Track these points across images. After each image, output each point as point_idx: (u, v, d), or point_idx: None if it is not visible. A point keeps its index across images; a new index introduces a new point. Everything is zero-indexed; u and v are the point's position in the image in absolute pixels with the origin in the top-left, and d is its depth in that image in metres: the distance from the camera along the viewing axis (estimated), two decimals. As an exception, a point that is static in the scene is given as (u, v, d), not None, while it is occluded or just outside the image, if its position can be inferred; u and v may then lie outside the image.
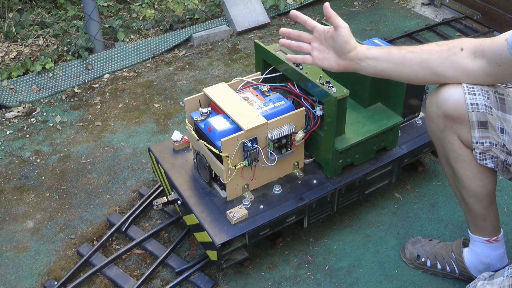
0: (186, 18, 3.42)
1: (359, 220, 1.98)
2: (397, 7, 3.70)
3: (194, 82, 2.92)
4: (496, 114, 1.33)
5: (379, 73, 1.43)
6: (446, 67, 1.34)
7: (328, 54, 1.46)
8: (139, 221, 2.03)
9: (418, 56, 1.36)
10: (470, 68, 1.32)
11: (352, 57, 1.42)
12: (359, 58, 1.42)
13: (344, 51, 1.42)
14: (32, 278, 1.82)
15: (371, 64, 1.41)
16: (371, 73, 1.44)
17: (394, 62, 1.39)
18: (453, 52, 1.33)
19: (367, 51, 1.41)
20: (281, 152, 1.70)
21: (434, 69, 1.35)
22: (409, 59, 1.37)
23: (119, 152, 2.40)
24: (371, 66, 1.41)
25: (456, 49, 1.33)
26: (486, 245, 1.59)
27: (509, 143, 1.34)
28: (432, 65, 1.35)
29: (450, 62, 1.33)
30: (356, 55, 1.42)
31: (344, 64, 1.45)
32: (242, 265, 1.80)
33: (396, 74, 1.41)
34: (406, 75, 1.40)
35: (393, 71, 1.40)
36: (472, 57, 1.31)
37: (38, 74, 2.88)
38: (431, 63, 1.35)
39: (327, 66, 1.47)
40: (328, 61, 1.46)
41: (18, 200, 2.16)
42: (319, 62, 1.48)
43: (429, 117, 1.47)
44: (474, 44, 1.31)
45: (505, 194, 2.06)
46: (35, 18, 3.32)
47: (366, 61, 1.41)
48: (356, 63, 1.43)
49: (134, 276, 1.81)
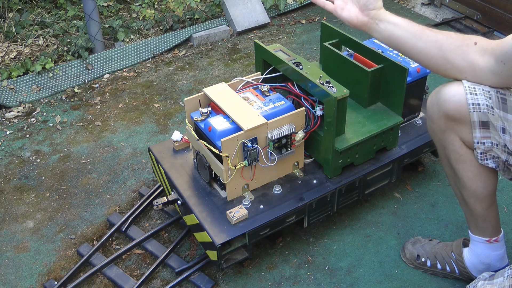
0: (186, 18, 3.42)
1: (359, 220, 1.98)
2: (397, 7, 3.70)
3: (194, 82, 2.92)
4: (498, 114, 1.33)
5: (393, 40, 1.43)
6: (456, 55, 1.34)
7: (351, 6, 1.47)
8: (139, 221, 2.03)
9: (435, 34, 1.37)
10: (477, 63, 1.32)
11: (373, 15, 1.43)
12: (380, 18, 1.43)
13: (369, 7, 1.43)
14: (32, 278, 1.82)
15: (389, 28, 1.41)
16: (385, 37, 1.44)
17: (411, 32, 1.39)
18: (466, 43, 1.34)
19: (389, 15, 1.42)
20: (281, 152, 1.70)
21: (446, 53, 1.35)
22: (426, 35, 1.37)
23: (119, 152, 2.40)
24: (388, 30, 1.42)
25: (471, 41, 1.33)
26: (486, 245, 1.59)
27: (511, 143, 1.34)
28: (445, 48, 1.35)
29: (461, 51, 1.34)
30: (377, 15, 1.43)
31: (363, 20, 1.45)
32: (242, 265, 1.80)
33: (409, 46, 1.40)
34: (419, 49, 1.39)
35: (408, 42, 1.40)
36: (482, 53, 1.32)
37: (38, 74, 2.88)
38: (444, 46, 1.35)
39: (346, 16, 1.47)
40: (348, 12, 1.47)
41: (18, 200, 2.16)
42: (339, 11, 1.48)
43: (430, 117, 1.47)
44: (487, 42, 1.32)
45: (505, 194, 2.06)
46: (35, 18, 3.32)
47: (385, 23, 1.42)
48: (375, 23, 1.44)
49: (134, 276, 1.81)
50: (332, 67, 1.93)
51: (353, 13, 1.46)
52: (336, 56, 1.90)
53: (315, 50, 3.18)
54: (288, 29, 3.46)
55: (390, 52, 1.94)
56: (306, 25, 3.51)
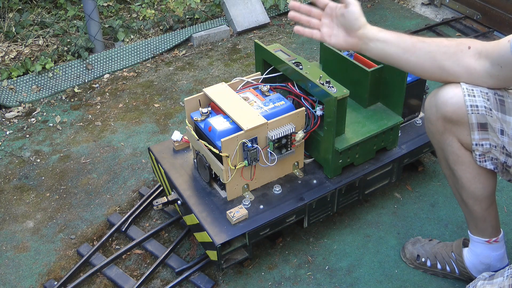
0: (186, 18, 3.42)
1: (359, 220, 1.98)
2: (397, 7, 3.70)
3: (194, 82, 2.92)
4: (496, 116, 1.33)
5: (385, 57, 1.41)
6: (451, 62, 1.33)
7: (338, 31, 1.44)
8: (139, 221, 2.03)
9: (427, 46, 1.35)
10: (473, 67, 1.32)
11: (361, 35, 1.40)
12: (369, 38, 1.39)
13: (354, 28, 1.40)
14: (32, 278, 1.82)
15: (380, 46, 1.39)
16: (377, 55, 1.42)
17: (403, 48, 1.37)
18: (460, 49, 1.33)
19: (378, 33, 1.39)
20: (281, 152, 1.70)
21: (440, 62, 1.34)
22: (418, 48, 1.35)
23: (119, 152, 2.40)
24: (379, 48, 1.39)
25: (464, 46, 1.32)
26: (486, 245, 1.59)
27: (509, 144, 1.34)
28: (439, 58, 1.34)
29: (456, 58, 1.33)
30: (365, 34, 1.40)
31: (352, 42, 1.42)
32: (242, 265, 1.80)
33: (403, 61, 1.39)
34: (412, 64, 1.38)
35: (400, 58, 1.38)
36: (477, 56, 1.31)
37: (38, 74, 2.88)
38: (438, 56, 1.34)
39: (335, 42, 1.45)
40: (336, 38, 1.44)
41: (18, 200, 2.16)
42: (327, 38, 1.46)
43: (428, 119, 1.47)
44: (481, 45, 1.31)
45: (505, 194, 2.06)
46: (35, 18, 3.32)
47: (375, 42, 1.39)
48: (365, 43, 1.41)
49: (134, 276, 1.81)
50: (332, 67, 1.93)
51: (341, 38, 1.44)
52: (336, 56, 1.91)
53: (315, 50, 3.18)
54: (288, 29, 3.46)
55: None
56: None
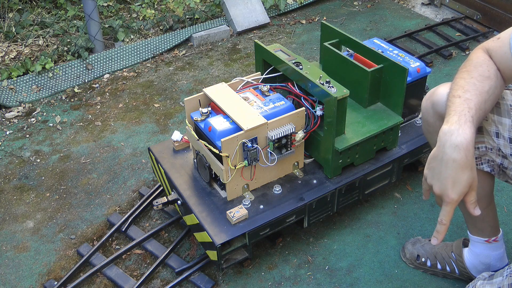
0: (186, 18, 3.42)
1: (359, 220, 1.98)
2: (397, 7, 3.70)
3: (194, 82, 2.92)
4: (491, 119, 1.33)
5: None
6: (490, 80, 1.23)
7: None
8: (139, 221, 2.03)
9: (480, 86, 1.21)
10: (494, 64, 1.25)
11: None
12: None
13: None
14: (32, 278, 1.82)
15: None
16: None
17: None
18: (480, 65, 1.24)
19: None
20: (281, 152, 1.70)
21: (486, 83, 1.22)
22: (485, 93, 1.21)
23: (119, 152, 2.40)
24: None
25: (478, 61, 1.25)
26: (485, 245, 1.59)
27: (505, 146, 1.34)
28: (484, 86, 1.21)
29: (486, 77, 1.22)
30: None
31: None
32: (242, 265, 1.80)
33: (488, 108, 1.25)
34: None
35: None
36: (488, 55, 1.28)
37: (38, 74, 2.88)
38: (483, 88, 1.21)
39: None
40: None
41: (18, 200, 2.16)
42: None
43: (425, 120, 1.47)
44: (482, 46, 1.29)
45: (505, 194, 2.06)
46: (35, 18, 3.32)
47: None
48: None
49: (134, 276, 1.81)
50: (332, 67, 1.93)
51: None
52: (336, 56, 1.91)
53: (315, 50, 3.18)
54: (288, 29, 3.46)
55: (390, 52, 1.95)
56: (306, 25, 3.50)
